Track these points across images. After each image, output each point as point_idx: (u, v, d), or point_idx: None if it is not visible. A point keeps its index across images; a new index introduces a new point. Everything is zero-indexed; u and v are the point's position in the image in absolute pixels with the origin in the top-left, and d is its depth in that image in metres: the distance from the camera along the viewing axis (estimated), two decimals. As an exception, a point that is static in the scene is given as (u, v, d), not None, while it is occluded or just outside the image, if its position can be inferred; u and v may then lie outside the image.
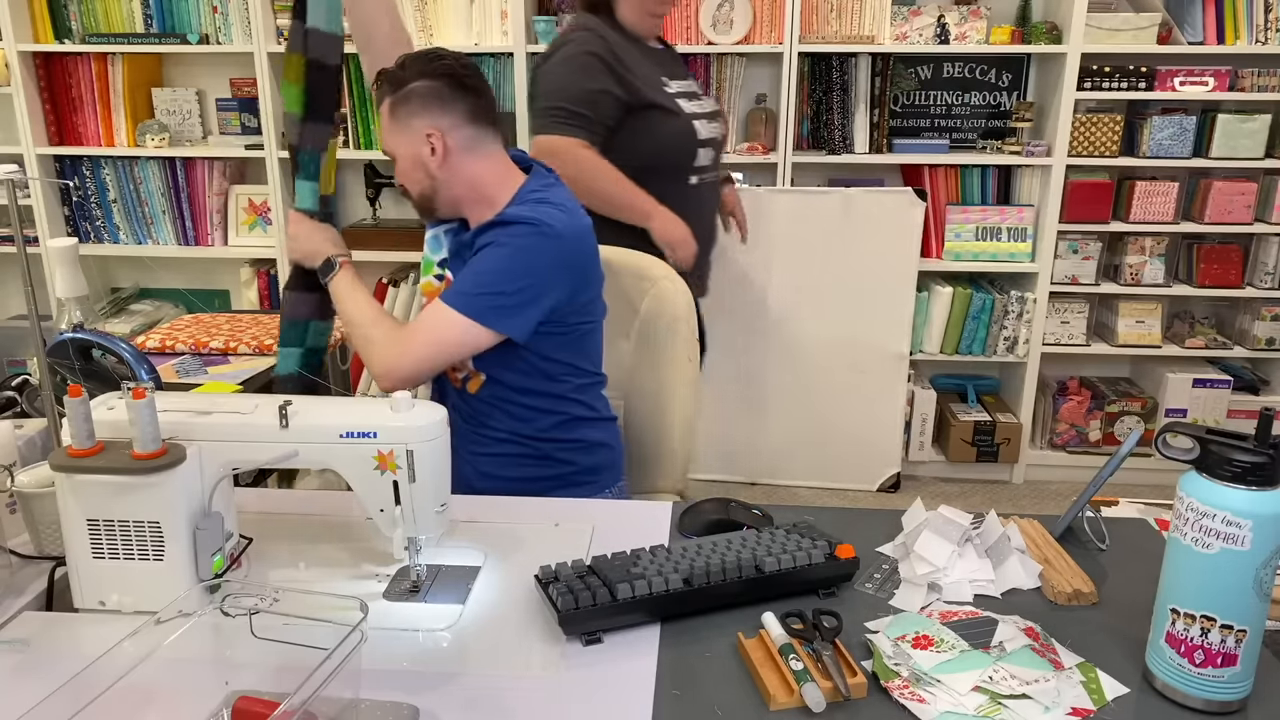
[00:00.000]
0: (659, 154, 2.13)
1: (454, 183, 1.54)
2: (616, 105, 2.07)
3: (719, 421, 3.10)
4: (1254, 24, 2.96)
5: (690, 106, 2.16)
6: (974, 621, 1.08)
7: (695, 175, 2.18)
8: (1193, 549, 0.94)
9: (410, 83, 1.49)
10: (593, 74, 2.06)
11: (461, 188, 1.54)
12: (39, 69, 3.18)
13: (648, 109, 2.09)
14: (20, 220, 1.26)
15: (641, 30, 2.15)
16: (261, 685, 0.91)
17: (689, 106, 2.16)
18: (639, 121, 2.09)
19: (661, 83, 2.14)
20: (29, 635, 1.06)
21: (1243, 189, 3.05)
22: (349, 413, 1.13)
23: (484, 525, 1.34)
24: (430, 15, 3.06)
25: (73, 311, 1.38)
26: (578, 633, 1.07)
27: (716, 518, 1.35)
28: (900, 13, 3.00)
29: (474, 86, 1.52)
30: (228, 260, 3.41)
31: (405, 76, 1.50)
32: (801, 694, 0.95)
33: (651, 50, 2.20)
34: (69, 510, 1.07)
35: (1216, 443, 0.93)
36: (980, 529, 1.23)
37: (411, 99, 1.50)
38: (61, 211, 3.33)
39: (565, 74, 2.07)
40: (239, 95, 3.32)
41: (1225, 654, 0.94)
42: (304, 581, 1.19)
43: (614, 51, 2.07)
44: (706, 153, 2.18)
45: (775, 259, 3.02)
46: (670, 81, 2.16)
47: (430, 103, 1.49)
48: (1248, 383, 3.29)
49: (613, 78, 2.06)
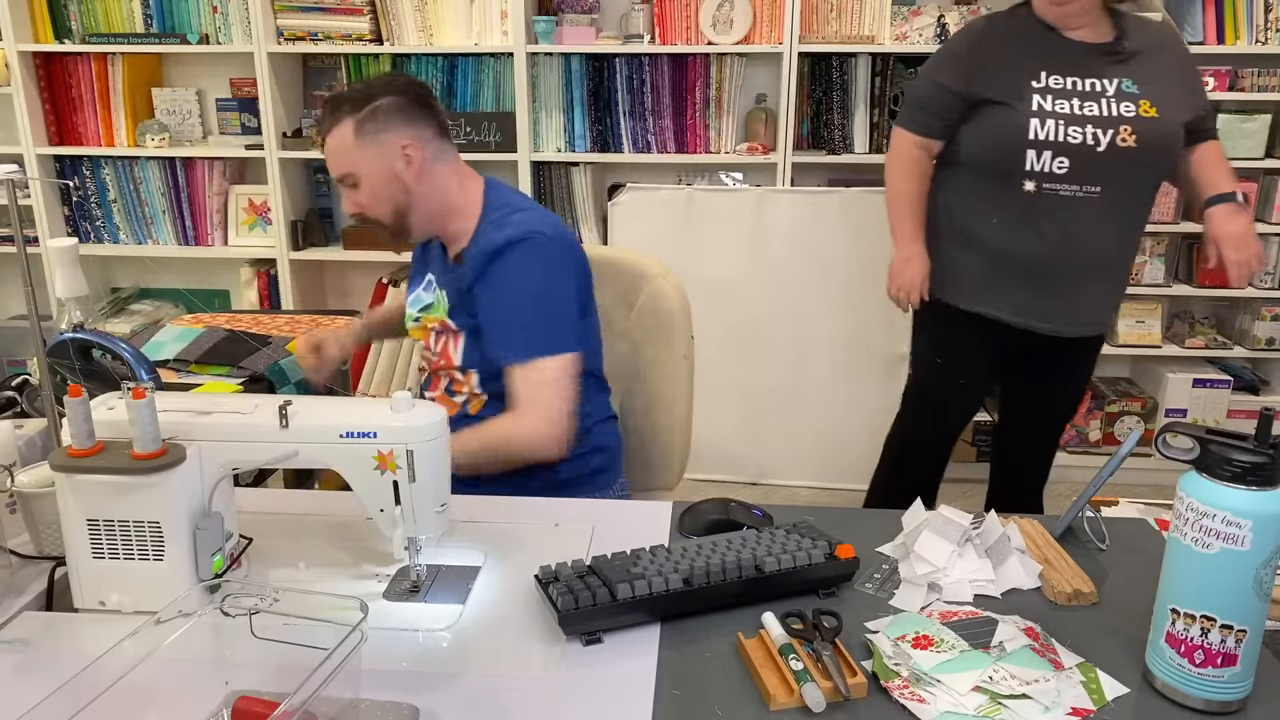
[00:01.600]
0: (985, 152, 2.03)
1: (430, 195, 1.55)
2: (951, 98, 2.04)
3: (719, 422, 3.10)
4: (1254, 24, 2.96)
5: (1062, 106, 1.94)
6: (974, 621, 1.08)
7: (1031, 181, 1.97)
8: (1193, 549, 0.94)
9: (377, 99, 1.50)
10: (941, 65, 2.08)
11: (436, 199, 1.56)
12: (39, 69, 3.18)
13: (985, 104, 2.00)
14: (20, 220, 1.26)
15: (1051, 18, 1.98)
16: (261, 685, 0.91)
17: (1058, 105, 1.94)
18: (975, 117, 2.02)
19: (1032, 77, 1.96)
20: (29, 635, 1.06)
21: (1243, 189, 3.04)
22: (349, 413, 1.13)
23: (484, 525, 1.34)
24: (430, 15, 3.06)
25: (73, 311, 1.38)
26: (578, 633, 1.07)
27: (716, 518, 1.35)
28: (900, 13, 3.00)
29: (434, 102, 1.57)
30: (228, 260, 3.41)
31: (371, 93, 1.50)
32: (801, 694, 0.95)
33: (1063, 42, 1.98)
34: (69, 510, 1.06)
35: (1216, 443, 0.93)
36: (980, 529, 1.23)
37: (379, 114, 1.50)
38: (61, 211, 3.33)
39: (928, 64, 2.14)
40: (239, 95, 3.32)
41: (1225, 654, 0.94)
42: (304, 581, 1.19)
43: (982, 43, 2.03)
44: (1058, 160, 1.95)
45: (775, 259, 3.02)
46: (1056, 77, 1.96)
47: (401, 116, 1.51)
48: (1248, 383, 3.29)
49: (958, 70, 2.03)
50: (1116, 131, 1.92)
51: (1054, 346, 2.12)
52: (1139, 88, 1.95)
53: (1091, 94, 1.94)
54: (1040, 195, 1.98)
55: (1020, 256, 2.04)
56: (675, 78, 3.09)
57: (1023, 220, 2.02)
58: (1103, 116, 1.93)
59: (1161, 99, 1.94)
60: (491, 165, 3.24)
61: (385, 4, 3.05)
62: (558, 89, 3.11)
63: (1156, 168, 2.00)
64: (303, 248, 3.26)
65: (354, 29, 3.06)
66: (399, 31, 3.07)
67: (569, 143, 3.15)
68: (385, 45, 3.09)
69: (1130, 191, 1.99)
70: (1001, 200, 2.02)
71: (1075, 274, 2.03)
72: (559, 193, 3.22)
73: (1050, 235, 2.01)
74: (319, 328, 2.26)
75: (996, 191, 2.03)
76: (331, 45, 3.08)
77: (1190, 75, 2.02)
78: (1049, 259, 2.02)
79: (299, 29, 3.06)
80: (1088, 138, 1.93)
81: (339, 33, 3.06)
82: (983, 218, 2.07)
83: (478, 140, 3.11)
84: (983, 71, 2.01)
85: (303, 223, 3.26)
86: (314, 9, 3.05)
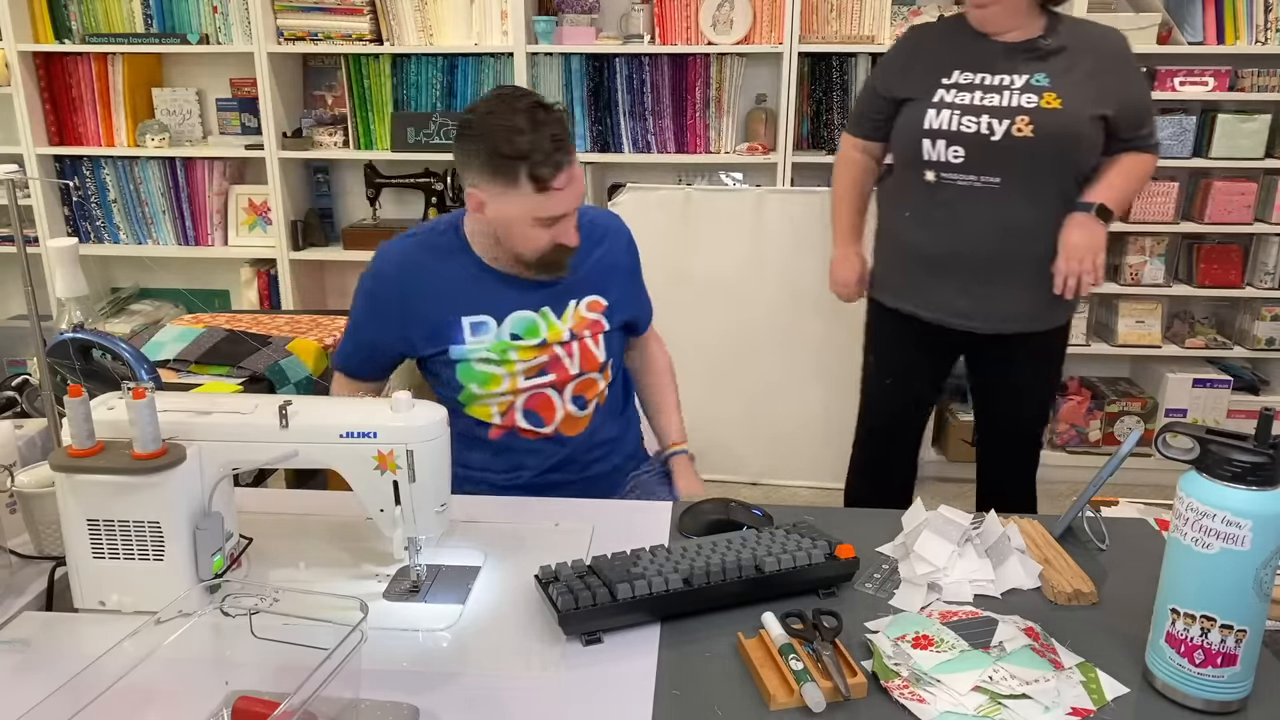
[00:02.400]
0: (896, 147, 2.09)
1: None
2: (880, 100, 2.09)
3: (719, 422, 3.10)
4: (1254, 24, 2.96)
5: (963, 98, 1.94)
6: (974, 621, 1.08)
7: (931, 171, 1.98)
8: (1193, 549, 0.94)
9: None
10: (876, 70, 2.15)
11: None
12: (39, 69, 3.18)
13: (905, 103, 2.03)
14: (20, 220, 1.26)
15: (974, 23, 1.99)
16: (261, 685, 0.92)
17: (959, 98, 1.95)
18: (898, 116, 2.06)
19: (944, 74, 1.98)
20: (29, 635, 1.06)
21: (1243, 189, 3.04)
22: (349, 413, 1.13)
23: (484, 525, 1.34)
24: (430, 15, 3.06)
25: (73, 311, 1.38)
26: (578, 633, 1.07)
27: (716, 518, 1.35)
28: (900, 13, 3.00)
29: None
30: (228, 260, 3.41)
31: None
32: (801, 694, 0.95)
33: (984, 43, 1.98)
34: (69, 510, 1.07)
35: (1216, 443, 0.93)
36: (980, 529, 1.23)
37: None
38: (61, 211, 3.33)
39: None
40: (239, 95, 3.32)
41: (1225, 654, 0.94)
42: (304, 581, 1.19)
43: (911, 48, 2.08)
44: (953, 149, 1.95)
45: (775, 259, 3.02)
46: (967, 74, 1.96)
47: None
48: (1248, 383, 3.29)
49: (888, 73, 2.09)
50: (1013, 121, 1.90)
51: (997, 344, 2.08)
52: (1050, 81, 1.93)
53: (996, 88, 1.94)
54: (940, 185, 1.99)
55: (927, 250, 2.05)
56: (675, 78, 3.09)
57: (927, 212, 2.03)
58: (1001, 107, 1.92)
59: (1069, 93, 1.91)
60: (491, 165, 3.24)
61: (385, 4, 3.05)
62: (558, 89, 3.11)
63: (1058, 160, 1.95)
64: (303, 248, 3.26)
65: (354, 29, 3.06)
66: (399, 31, 3.07)
67: (569, 143, 3.15)
68: (385, 45, 3.08)
69: (1032, 183, 1.94)
70: (910, 193, 2.05)
71: (982, 267, 2.01)
72: (559, 193, 3.21)
73: (952, 226, 2.00)
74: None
75: (907, 185, 2.06)
76: (331, 45, 3.08)
77: (1119, 79, 1.97)
78: (953, 251, 2.02)
79: (299, 29, 3.06)
80: (982, 127, 1.92)
81: (339, 33, 3.06)
82: (898, 213, 2.11)
83: (478, 140, 3.11)
84: (906, 74, 2.06)
85: (303, 223, 3.26)
86: (314, 9, 3.05)
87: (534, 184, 1.42)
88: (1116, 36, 2.02)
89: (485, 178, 1.45)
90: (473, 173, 1.46)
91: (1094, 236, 1.94)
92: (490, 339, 1.55)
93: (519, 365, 1.56)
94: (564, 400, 1.60)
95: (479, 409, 1.58)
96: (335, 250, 3.28)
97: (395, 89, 3.18)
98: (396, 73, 3.17)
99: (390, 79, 3.17)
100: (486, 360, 1.55)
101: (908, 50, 2.10)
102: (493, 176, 1.44)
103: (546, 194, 1.44)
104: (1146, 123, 2.01)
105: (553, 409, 1.60)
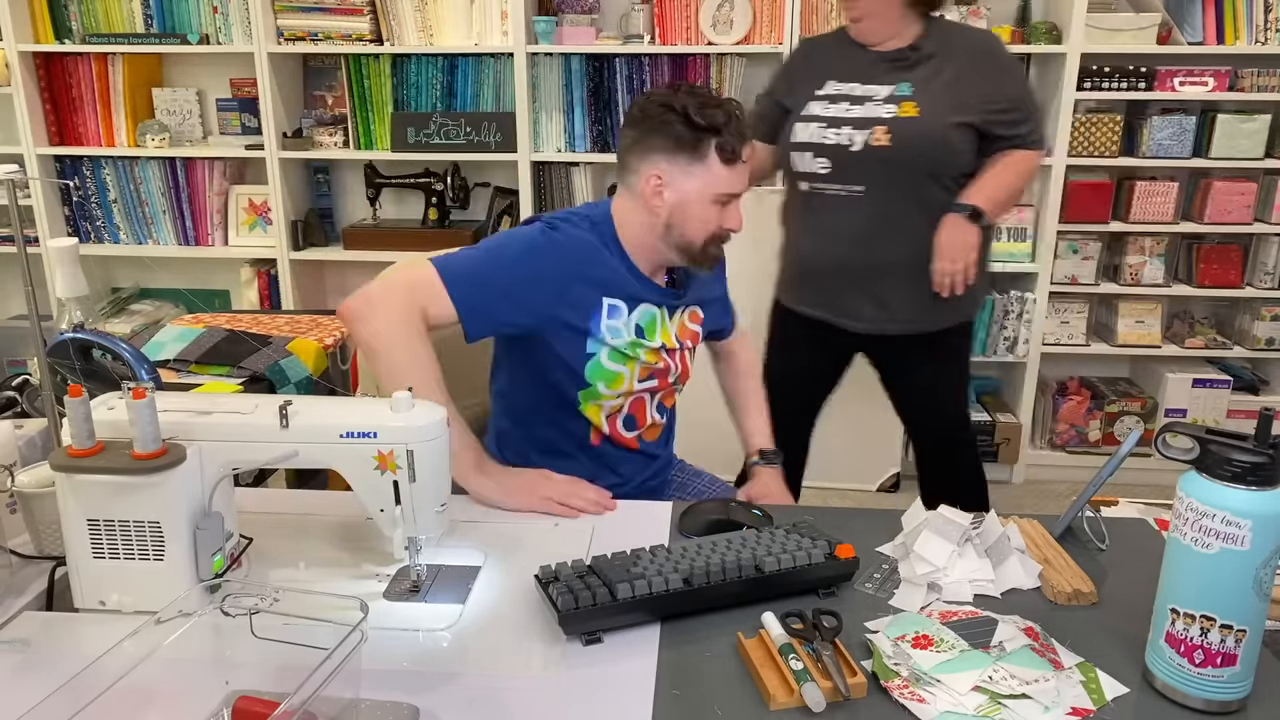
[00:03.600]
0: (779, 157, 2.15)
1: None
2: (770, 101, 2.17)
3: (719, 422, 3.09)
4: (1254, 24, 2.96)
5: (829, 110, 2.01)
6: (974, 621, 1.08)
7: (805, 182, 2.07)
8: (1192, 549, 0.94)
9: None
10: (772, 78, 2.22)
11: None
12: (39, 69, 3.18)
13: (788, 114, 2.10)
14: (20, 220, 1.26)
15: (853, 35, 2.05)
16: (261, 685, 0.92)
17: (826, 110, 2.02)
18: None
19: (818, 86, 2.05)
20: (29, 635, 1.06)
21: (1242, 189, 3.05)
22: (349, 413, 1.13)
23: (484, 525, 1.34)
24: (430, 15, 3.06)
25: (73, 311, 1.38)
26: (578, 633, 1.07)
27: (716, 518, 1.35)
28: (900, 13, 3.00)
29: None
30: (228, 260, 3.41)
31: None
32: (801, 694, 0.95)
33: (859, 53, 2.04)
34: (69, 510, 1.07)
35: (1216, 443, 0.93)
36: (980, 529, 1.23)
37: None
38: (62, 211, 3.33)
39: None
40: (239, 95, 3.32)
41: (1225, 654, 0.94)
42: (304, 581, 1.19)
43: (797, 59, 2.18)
44: (819, 161, 2.02)
45: (774, 259, 3.01)
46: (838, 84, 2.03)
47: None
48: (1248, 383, 3.29)
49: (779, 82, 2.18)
50: (871, 132, 1.97)
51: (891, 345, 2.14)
52: (913, 90, 1.97)
53: (862, 98, 2.00)
54: (813, 194, 2.07)
55: (809, 256, 2.15)
56: (675, 78, 3.09)
57: (805, 220, 2.12)
58: (862, 118, 1.98)
59: (928, 101, 1.95)
60: (491, 165, 3.24)
61: (385, 4, 3.05)
62: (558, 89, 3.11)
63: (919, 167, 1.99)
64: (303, 248, 3.26)
65: (354, 29, 3.06)
66: (399, 32, 3.07)
67: (569, 143, 3.15)
68: (385, 45, 3.09)
69: (895, 191, 2.00)
70: (794, 203, 2.15)
71: (861, 272, 2.07)
72: (559, 193, 3.22)
73: (826, 233, 2.09)
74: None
75: (792, 195, 2.16)
76: (331, 45, 3.08)
77: (985, 84, 1.99)
78: (831, 256, 2.09)
79: (299, 29, 3.06)
80: (843, 138, 1.99)
81: (339, 33, 3.06)
82: (789, 220, 2.21)
83: (478, 140, 3.11)
84: (790, 85, 2.13)
85: (303, 223, 3.26)
86: (314, 9, 3.05)
87: (721, 156, 1.44)
88: (985, 40, 2.09)
89: (669, 154, 1.45)
90: (655, 153, 1.45)
91: (965, 235, 1.98)
92: (620, 325, 1.50)
93: (638, 365, 1.53)
94: (652, 407, 1.61)
95: (592, 409, 1.54)
96: (335, 250, 3.28)
97: (395, 89, 3.19)
98: (396, 73, 3.17)
99: (390, 79, 3.17)
100: (616, 356, 1.50)
101: (797, 62, 2.19)
102: (677, 151, 1.44)
103: (731, 168, 1.45)
104: (1025, 121, 2.03)
105: (645, 415, 1.60)
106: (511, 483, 1.41)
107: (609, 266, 1.50)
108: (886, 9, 1.98)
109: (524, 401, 1.58)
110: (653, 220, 1.48)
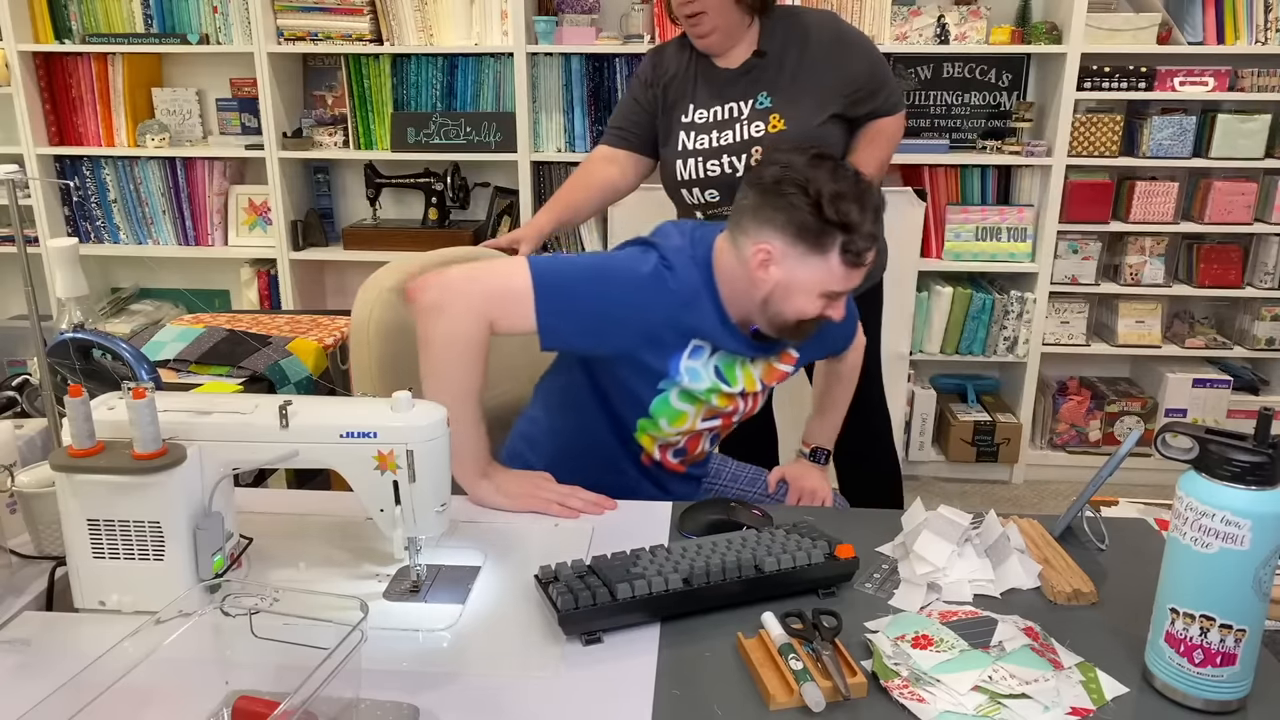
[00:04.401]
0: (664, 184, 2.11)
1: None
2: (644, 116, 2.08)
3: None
4: (1254, 24, 2.96)
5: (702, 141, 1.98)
6: (974, 621, 1.08)
7: (699, 211, 2.05)
8: (1192, 549, 0.94)
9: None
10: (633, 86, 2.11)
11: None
12: (39, 69, 3.18)
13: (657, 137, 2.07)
14: (20, 220, 1.26)
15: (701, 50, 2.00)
16: (261, 685, 0.92)
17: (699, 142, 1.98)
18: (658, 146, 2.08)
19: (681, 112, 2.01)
20: (29, 635, 1.06)
21: (1243, 189, 3.05)
22: (349, 413, 1.13)
23: (484, 525, 1.34)
24: (430, 15, 3.06)
25: (73, 311, 1.38)
26: (578, 633, 1.07)
27: (716, 518, 1.35)
28: (900, 13, 3.00)
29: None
30: (228, 260, 3.41)
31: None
32: (801, 694, 0.95)
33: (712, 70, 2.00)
34: (69, 510, 1.07)
35: (1216, 443, 0.93)
36: (980, 529, 1.23)
37: None
38: (61, 211, 3.33)
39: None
40: (239, 95, 3.32)
41: (1224, 654, 0.94)
42: (304, 581, 1.19)
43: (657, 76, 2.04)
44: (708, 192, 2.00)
45: (775, 259, 3.02)
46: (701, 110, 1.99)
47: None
48: (1248, 383, 3.29)
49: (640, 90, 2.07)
50: (749, 154, 1.95)
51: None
52: (772, 100, 1.96)
53: (728, 121, 1.97)
54: (710, 218, 2.02)
55: None
56: (675, 78, 3.09)
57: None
58: (735, 143, 1.96)
59: (791, 109, 1.94)
60: (491, 165, 3.24)
61: (385, 4, 3.05)
62: (558, 89, 3.11)
63: None
64: (303, 248, 3.26)
65: (354, 29, 3.06)
66: (399, 32, 3.07)
67: (569, 143, 3.15)
68: (385, 45, 3.09)
69: None
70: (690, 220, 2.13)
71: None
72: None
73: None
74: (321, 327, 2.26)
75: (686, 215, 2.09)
76: (331, 45, 3.08)
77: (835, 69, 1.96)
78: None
79: (299, 29, 3.06)
80: (725, 167, 1.97)
81: (339, 33, 3.06)
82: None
83: (478, 140, 3.11)
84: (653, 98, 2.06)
85: (303, 223, 3.26)
86: (314, 9, 3.05)
87: (844, 257, 1.31)
88: (822, 21, 2.02)
89: (788, 237, 1.32)
90: (774, 228, 1.32)
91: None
92: (699, 366, 1.43)
93: (706, 407, 1.46)
94: (705, 441, 1.57)
95: (647, 439, 1.50)
96: (335, 250, 3.28)
97: (395, 89, 3.19)
98: (396, 73, 3.17)
99: (390, 79, 3.17)
100: (686, 396, 1.44)
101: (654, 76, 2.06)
102: (798, 238, 1.31)
103: (851, 271, 1.33)
104: (880, 91, 2.03)
105: (697, 447, 1.56)
106: (511, 485, 1.41)
107: (704, 312, 1.40)
108: (728, 18, 1.92)
109: (576, 416, 1.53)
110: (751, 289, 1.37)
